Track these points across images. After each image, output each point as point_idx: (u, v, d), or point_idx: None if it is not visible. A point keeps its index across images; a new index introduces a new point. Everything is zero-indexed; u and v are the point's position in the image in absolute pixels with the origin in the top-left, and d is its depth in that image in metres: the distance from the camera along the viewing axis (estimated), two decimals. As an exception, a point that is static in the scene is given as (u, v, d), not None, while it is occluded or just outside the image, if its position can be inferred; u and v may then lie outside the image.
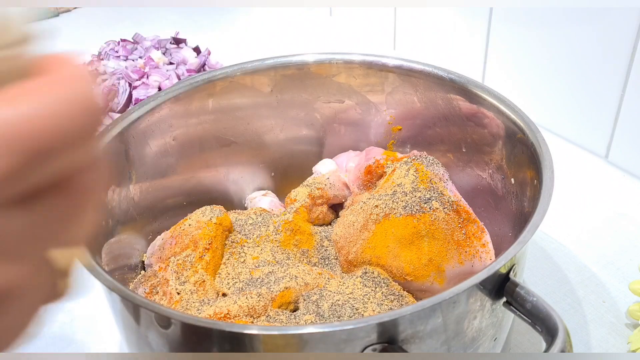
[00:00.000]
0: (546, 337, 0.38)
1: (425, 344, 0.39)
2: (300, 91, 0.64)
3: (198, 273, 0.49)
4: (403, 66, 0.60)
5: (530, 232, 0.41)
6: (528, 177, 0.50)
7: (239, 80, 0.61)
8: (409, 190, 0.51)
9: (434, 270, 0.49)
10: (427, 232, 0.49)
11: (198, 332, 0.37)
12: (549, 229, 0.68)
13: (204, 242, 0.51)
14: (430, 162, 0.55)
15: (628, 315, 0.57)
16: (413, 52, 1.01)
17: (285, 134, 0.65)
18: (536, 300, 0.39)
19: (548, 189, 0.44)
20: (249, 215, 0.57)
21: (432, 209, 0.50)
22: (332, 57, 0.62)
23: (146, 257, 0.55)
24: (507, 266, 0.40)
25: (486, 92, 0.55)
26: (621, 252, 0.65)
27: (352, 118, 0.65)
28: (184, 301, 0.47)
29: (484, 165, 0.58)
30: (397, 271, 0.49)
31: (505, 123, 0.53)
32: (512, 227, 0.52)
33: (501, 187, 0.56)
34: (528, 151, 0.50)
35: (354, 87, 0.63)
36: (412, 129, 0.63)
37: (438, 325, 0.39)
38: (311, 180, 0.61)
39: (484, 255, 0.50)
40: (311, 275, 0.50)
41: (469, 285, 0.38)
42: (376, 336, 0.37)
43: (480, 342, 0.43)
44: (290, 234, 0.54)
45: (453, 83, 0.58)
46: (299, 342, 0.37)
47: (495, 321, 0.44)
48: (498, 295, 0.41)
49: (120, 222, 0.53)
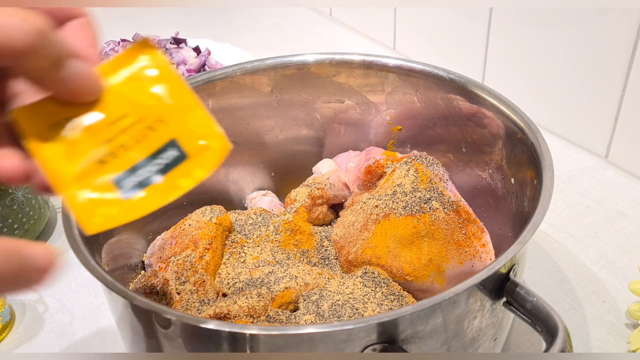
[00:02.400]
0: (546, 337, 0.38)
1: (425, 344, 0.39)
2: (300, 91, 0.64)
3: (198, 273, 0.49)
4: (403, 66, 0.60)
5: (530, 232, 0.41)
6: (528, 177, 0.50)
7: (239, 80, 0.61)
8: (409, 191, 0.51)
9: (434, 271, 0.49)
10: (427, 232, 0.49)
11: (198, 332, 0.37)
12: (549, 229, 0.68)
13: (204, 242, 0.51)
14: (430, 162, 0.55)
15: (628, 315, 0.57)
16: (413, 52, 1.01)
17: (285, 134, 0.65)
18: (536, 300, 0.39)
19: (548, 189, 0.44)
20: (249, 215, 0.57)
21: (432, 209, 0.50)
22: (332, 57, 0.62)
23: (146, 257, 0.55)
24: (507, 266, 0.40)
25: (486, 92, 0.55)
26: (621, 252, 0.65)
27: (352, 118, 0.65)
28: (184, 301, 0.47)
29: (484, 165, 0.58)
30: (397, 271, 0.49)
31: (505, 123, 0.53)
32: (512, 227, 0.52)
33: (501, 187, 0.56)
34: (528, 151, 0.50)
35: (354, 87, 0.63)
36: (412, 129, 0.63)
37: (438, 325, 0.39)
38: (311, 180, 0.61)
39: (484, 255, 0.50)
40: (311, 275, 0.50)
41: (469, 285, 0.38)
42: (376, 336, 0.37)
43: (480, 342, 0.43)
44: (290, 234, 0.54)
45: (453, 83, 0.58)
46: (299, 342, 0.37)
47: (495, 321, 0.44)
48: (498, 295, 0.41)
49: (120, 222, 0.53)
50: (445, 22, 0.92)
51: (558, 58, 0.78)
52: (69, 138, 0.31)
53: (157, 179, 0.31)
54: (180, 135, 0.32)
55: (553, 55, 0.78)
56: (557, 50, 0.78)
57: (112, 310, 0.46)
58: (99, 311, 0.61)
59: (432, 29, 0.95)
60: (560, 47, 0.77)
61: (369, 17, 1.08)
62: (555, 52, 0.78)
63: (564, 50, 0.77)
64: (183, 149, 0.32)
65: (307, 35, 1.12)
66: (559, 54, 0.78)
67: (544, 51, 0.79)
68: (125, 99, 0.32)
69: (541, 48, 0.80)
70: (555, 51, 0.78)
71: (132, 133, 0.31)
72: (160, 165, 0.31)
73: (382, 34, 1.06)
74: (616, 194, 0.73)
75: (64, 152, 0.31)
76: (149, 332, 0.40)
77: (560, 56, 0.78)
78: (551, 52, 0.78)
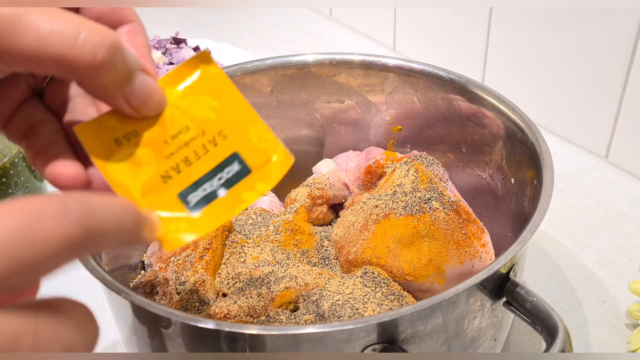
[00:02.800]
0: (546, 337, 0.38)
1: (425, 344, 0.39)
2: (300, 91, 0.64)
3: (198, 273, 0.49)
4: (403, 66, 0.60)
5: (530, 232, 0.41)
6: (528, 177, 0.50)
7: (239, 80, 0.61)
8: (409, 191, 0.51)
9: (434, 271, 0.49)
10: (427, 232, 0.49)
11: (198, 332, 0.37)
12: (549, 229, 0.68)
13: (204, 242, 0.51)
14: (430, 162, 0.55)
15: (628, 315, 0.57)
16: (413, 52, 1.01)
17: (285, 134, 0.65)
18: (536, 300, 0.39)
19: (548, 189, 0.44)
20: (249, 215, 0.57)
21: (432, 209, 0.50)
22: (332, 57, 0.62)
23: (146, 257, 0.55)
24: (507, 266, 0.40)
25: (486, 92, 0.55)
26: (621, 252, 0.65)
27: (352, 118, 0.65)
28: (184, 301, 0.47)
29: (484, 165, 0.58)
30: (397, 271, 0.49)
31: (505, 123, 0.53)
32: (512, 227, 0.52)
33: (501, 187, 0.56)
34: (528, 151, 0.50)
35: (354, 87, 0.63)
36: (412, 129, 0.63)
37: (438, 325, 0.39)
38: (311, 180, 0.61)
39: (484, 255, 0.50)
40: (311, 275, 0.50)
41: (469, 285, 0.38)
42: (376, 336, 0.37)
43: (480, 342, 0.43)
44: (290, 234, 0.54)
45: (453, 83, 0.58)
46: (299, 342, 0.37)
47: (495, 321, 0.44)
48: (498, 295, 0.41)
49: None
50: (445, 22, 0.92)
51: (558, 58, 0.78)
52: (132, 153, 0.31)
53: (222, 193, 0.31)
54: (242, 149, 0.32)
55: (553, 55, 0.78)
56: (557, 50, 0.78)
57: (112, 310, 0.46)
58: (99, 311, 0.60)
59: (432, 29, 0.95)
60: (560, 47, 0.77)
61: (369, 17, 1.08)
62: (555, 52, 0.78)
63: (564, 50, 0.77)
64: (246, 163, 0.32)
65: (307, 35, 1.12)
66: (559, 54, 0.78)
67: (544, 51, 0.79)
68: (185, 113, 0.32)
69: (541, 48, 0.79)
70: (555, 51, 0.78)
71: (193, 147, 0.31)
72: (223, 179, 0.31)
73: (382, 34, 1.06)
74: (616, 194, 0.73)
75: (129, 168, 0.30)
76: (149, 332, 0.40)
77: (560, 56, 0.78)
78: (551, 52, 0.78)
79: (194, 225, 0.30)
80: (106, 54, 0.27)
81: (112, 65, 0.27)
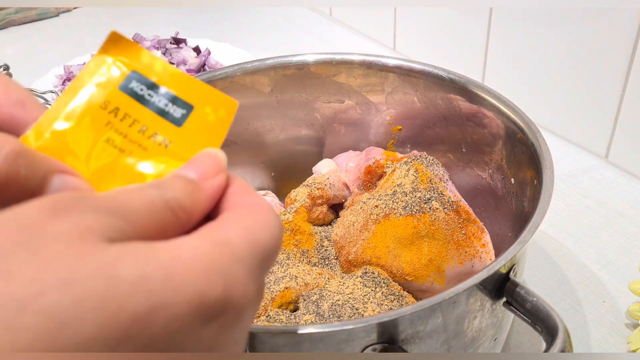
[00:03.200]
0: (546, 337, 0.38)
1: (425, 344, 0.39)
2: (300, 91, 0.64)
3: (198, 273, 0.49)
4: (403, 66, 0.60)
5: (530, 232, 0.41)
6: (528, 177, 0.50)
7: (239, 80, 0.61)
8: (409, 191, 0.51)
9: (434, 271, 0.49)
10: (427, 232, 0.49)
11: (198, 332, 0.37)
12: (549, 229, 0.68)
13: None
14: (430, 162, 0.55)
15: (628, 315, 0.57)
16: (413, 52, 1.01)
17: (285, 134, 0.65)
18: (536, 300, 0.39)
19: (548, 189, 0.44)
20: (249, 215, 0.57)
21: (432, 209, 0.50)
22: (332, 57, 0.62)
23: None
24: (507, 266, 0.40)
25: (486, 92, 0.55)
26: (621, 252, 0.65)
27: (352, 118, 0.65)
28: (184, 301, 0.47)
29: (484, 165, 0.58)
30: (397, 271, 0.49)
31: (505, 123, 0.53)
32: (512, 227, 0.52)
33: (501, 187, 0.56)
34: (528, 151, 0.50)
35: (354, 87, 0.63)
36: (412, 129, 0.63)
37: (438, 325, 0.39)
38: (311, 180, 0.61)
39: (484, 255, 0.50)
40: (311, 275, 0.50)
41: (469, 285, 0.38)
42: (376, 336, 0.37)
43: (480, 342, 0.43)
44: (290, 234, 0.54)
45: (453, 83, 0.58)
46: (299, 342, 0.37)
47: (495, 321, 0.44)
48: (498, 295, 0.41)
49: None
50: (445, 22, 0.92)
51: (558, 58, 0.78)
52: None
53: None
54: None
55: (553, 55, 0.78)
56: (557, 50, 0.78)
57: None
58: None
59: (432, 29, 0.95)
60: (560, 47, 0.77)
61: (369, 17, 1.08)
62: (555, 52, 0.78)
63: (564, 50, 0.77)
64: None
65: (307, 35, 1.12)
66: (559, 54, 0.78)
67: (543, 51, 0.79)
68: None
69: (541, 48, 0.79)
70: (555, 51, 0.78)
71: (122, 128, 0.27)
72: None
73: (382, 34, 1.06)
74: (616, 194, 0.73)
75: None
76: (149, 332, 0.40)
77: (560, 56, 0.78)
78: (551, 52, 0.78)
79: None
80: (9, 165, 0.23)
81: (18, 175, 0.23)
